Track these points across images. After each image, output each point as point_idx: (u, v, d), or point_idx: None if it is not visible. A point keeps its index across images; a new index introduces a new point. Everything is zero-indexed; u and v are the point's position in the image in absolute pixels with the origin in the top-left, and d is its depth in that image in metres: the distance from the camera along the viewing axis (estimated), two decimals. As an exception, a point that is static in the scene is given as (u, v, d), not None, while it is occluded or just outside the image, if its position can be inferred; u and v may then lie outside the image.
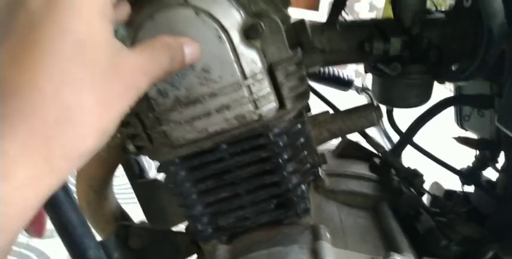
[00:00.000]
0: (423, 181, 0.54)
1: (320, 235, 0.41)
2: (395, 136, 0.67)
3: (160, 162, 0.44)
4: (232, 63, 0.37)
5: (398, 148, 0.59)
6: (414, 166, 0.58)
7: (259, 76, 0.38)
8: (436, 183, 0.75)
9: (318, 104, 0.58)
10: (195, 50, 0.31)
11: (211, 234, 0.46)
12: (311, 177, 0.46)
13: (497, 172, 0.61)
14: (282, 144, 0.41)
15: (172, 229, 0.66)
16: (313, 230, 0.42)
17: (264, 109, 0.39)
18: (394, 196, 0.52)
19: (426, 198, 0.63)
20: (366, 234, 0.46)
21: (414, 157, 0.65)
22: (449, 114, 0.72)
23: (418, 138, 0.60)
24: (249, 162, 0.42)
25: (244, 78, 0.37)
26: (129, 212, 0.74)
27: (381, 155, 0.59)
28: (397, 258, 0.38)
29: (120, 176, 0.70)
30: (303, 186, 0.44)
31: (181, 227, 0.62)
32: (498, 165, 0.64)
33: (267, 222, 0.45)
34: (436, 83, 0.55)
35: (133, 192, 0.70)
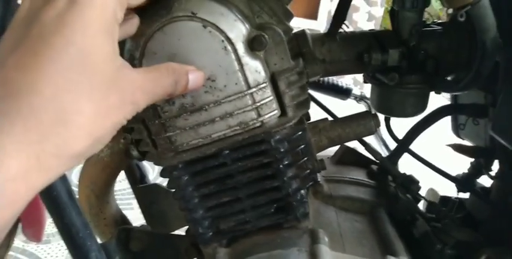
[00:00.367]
0: (419, 188, 0.56)
1: (318, 238, 0.42)
2: (392, 143, 0.69)
3: (163, 167, 0.45)
4: (237, 73, 0.38)
5: (395, 155, 0.60)
6: (411, 173, 0.59)
7: (263, 85, 0.39)
8: (432, 190, 0.76)
9: (317, 112, 0.60)
10: (199, 77, 0.34)
11: (211, 237, 0.47)
12: (310, 183, 0.48)
13: (491, 179, 0.63)
14: (283, 150, 0.42)
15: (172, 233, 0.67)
16: (312, 234, 0.44)
17: (267, 116, 0.41)
18: (391, 201, 0.53)
19: (422, 204, 0.64)
20: (363, 238, 0.47)
21: (411, 164, 0.67)
22: (445, 122, 0.73)
23: (414, 146, 0.61)
24: (251, 167, 0.43)
25: (248, 87, 0.39)
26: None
27: (378, 162, 0.60)
28: (393, 261, 0.39)
29: (116, 182, 0.71)
30: (303, 191, 0.45)
31: (182, 230, 0.63)
32: (492, 173, 0.65)
33: (267, 225, 0.46)
34: (432, 92, 0.57)
35: (128, 198, 0.71)
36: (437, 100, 0.69)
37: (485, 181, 0.68)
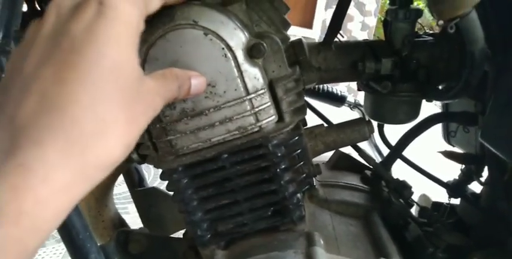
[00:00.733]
0: (412, 193, 0.57)
1: (314, 241, 0.43)
2: (385, 149, 0.70)
3: (163, 170, 0.46)
4: (236, 79, 0.40)
5: (389, 161, 0.62)
6: (404, 179, 0.61)
7: (261, 91, 0.41)
8: (424, 195, 0.78)
9: (312, 118, 0.61)
10: (201, 82, 0.36)
11: (210, 240, 0.48)
12: (306, 186, 0.49)
13: (481, 185, 0.65)
14: (280, 154, 0.44)
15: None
16: (308, 236, 0.45)
17: (264, 122, 0.42)
18: (384, 206, 0.55)
19: (415, 209, 0.66)
20: (357, 241, 0.48)
21: (404, 170, 0.68)
22: (437, 129, 0.75)
23: (407, 152, 0.63)
24: (249, 171, 0.45)
25: (247, 93, 0.40)
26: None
27: (372, 167, 0.62)
28: (386, 263, 0.40)
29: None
30: (299, 195, 0.47)
31: (179, 233, 0.64)
32: (483, 179, 0.67)
33: (264, 228, 0.47)
34: (424, 100, 0.59)
35: (124, 202, 0.71)
36: (429, 108, 0.71)
37: (476, 187, 0.70)
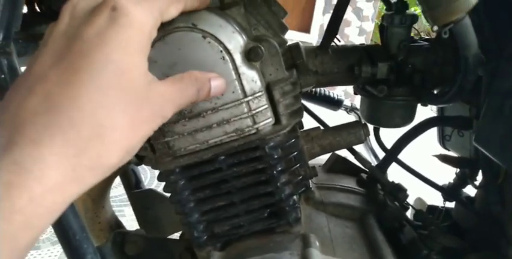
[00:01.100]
0: (407, 196, 0.58)
1: (310, 243, 0.44)
2: (381, 153, 0.71)
3: (160, 171, 0.46)
4: (234, 82, 0.40)
5: (384, 164, 0.63)
6: (402, 183, 0.61)
7: (258, 94, 0.41)
8: (419, 199, 0.78)
9: (309, 121, 0.62)
10: (221, 83, 0.35)
11: (206, 241, 0.48)
12: (302, 188, 0.49)
13: (475, 189, 0.65)
14: (276, 156, 0.44)
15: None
16: (304, 238, 0.45)
17: (261, 124, 0.42)
18: (380, 209, 0.55)
19: (410, 212, 0.66)
20: (353, 243, 0.48)
21: (400, 173, 0.69)
22: (433, 133, 0.76)
23: (403, 156, 0.64)
24: (245, 173, 0.45)
25: (245, 96, 0.41)
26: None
27: (367, 170, 0.63)
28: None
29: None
30: (295, 197, 0.47)
31: (175, 235, 0.64)
32: (477, 183, 0.68)
33: (260, 230, 0.48)
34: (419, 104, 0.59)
35: (120, 205, 0.72)
36: (425, 112, 0.72)
37: (471, 190, 0.70)
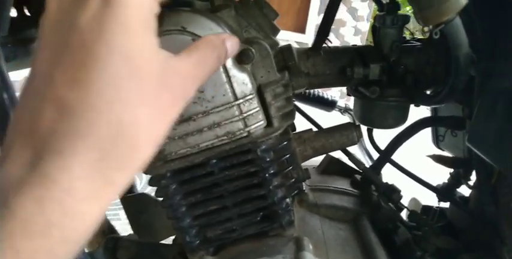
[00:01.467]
0: (401, 197, 0.58)
1: (303, 246, 0.43)
2: (376, 154, 0.71)
3: (152, 176, 0.46)
4: (225, 85, 0.40)
5: (378, 165, 0.62)
6: (397, 184, 0.61)
7: (249, 97, 0.41)
8: (414, 199, 0.78)
9: (302, 123, 0.62)
10: (235, 42, 0.31)
11: (199, 246, 0.48)
12: (295, 191, 0.49)
13: (470, 189, 0.65)
14: (268, 159, 0.44)
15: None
16: (297, 241, 0.45)
17: (253, 127, 0.42)
18: (373, 210, 0.55)
19: (405, 213, 0.66)
20: (346, 246, 0.48)
21: (396, 174, 0.69)
22: (428, 133, 0.76)
23: (398, 156, 0.63)
24: (237, 176, 0.45)
25: (236, 99, 0.40)
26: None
27: (361, 172, 0.62)
28: (375, 267, 0.40)
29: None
30: (288, 200, 0.47)
31: (169, 240, 0.63)
32: (471, 183, 0.68)
33: (253, 233, 0.47)
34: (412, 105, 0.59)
35: (115, 208, 0.71)
36: (423, 112, 0.72)
37: (465, 190, 0.70)
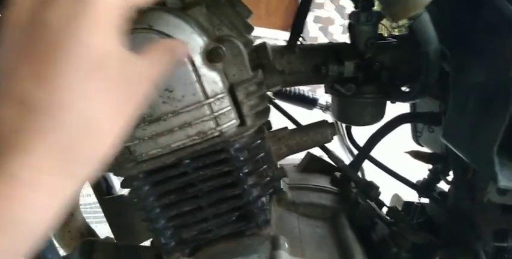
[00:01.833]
0: (379, 193, 0.58)
1: (279, 245, 0.43)
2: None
3: (124, 178, 0.45)
4: (194, 84, 0.39)
5: (357, 162, 0.62)
6: (380, 180, 0.61)
7: (220, 95, 0.40)
8: (396, 195, 0.79)
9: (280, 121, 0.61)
10: (184, 48, 0.34)
11: (174, 247, 0.47)
12: (270, 190, 0.49)
13: (448, 185, 0.66)
14: (242, 158, 0.43)
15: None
16: (273, 240, 0.44)
17: (225, 126, 0.42)
18: (351, 207, 0.55)
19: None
20: (323, 243, 0.48)
21: (380, 171, 0.68)
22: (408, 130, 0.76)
23: (381, 153, 0.63)
24: (211, 176, 0.44)
25: (206, 98, 0.40)
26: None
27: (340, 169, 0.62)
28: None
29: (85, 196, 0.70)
30: (263, 199, 0.47)
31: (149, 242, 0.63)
32: (450, 178, 0.68)
33: (229, 233, 0.47)
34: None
35: (100, 211, 0.69)
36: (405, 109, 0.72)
37: (447, 186, 0.71)
